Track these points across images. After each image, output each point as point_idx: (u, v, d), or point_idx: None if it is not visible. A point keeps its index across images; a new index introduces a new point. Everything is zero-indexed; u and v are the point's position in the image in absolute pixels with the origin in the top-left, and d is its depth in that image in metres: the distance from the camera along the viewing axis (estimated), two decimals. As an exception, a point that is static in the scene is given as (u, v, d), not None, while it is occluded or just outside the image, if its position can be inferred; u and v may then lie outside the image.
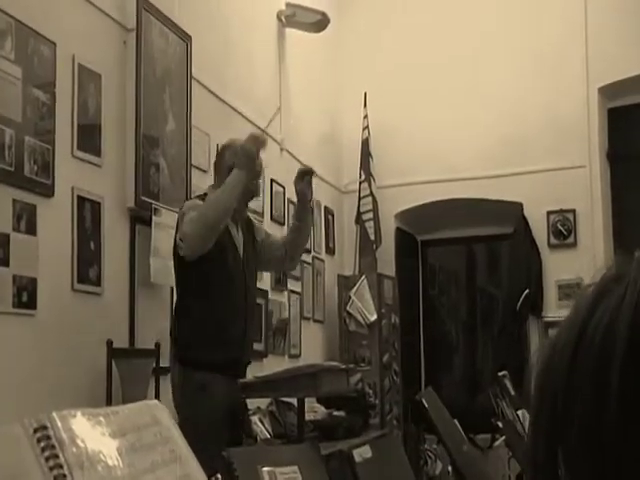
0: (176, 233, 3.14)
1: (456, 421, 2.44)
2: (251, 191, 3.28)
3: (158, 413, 0.79)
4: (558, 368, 0.47)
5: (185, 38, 4.11)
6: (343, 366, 3.23)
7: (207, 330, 3.04)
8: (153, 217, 3.71)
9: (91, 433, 0.67)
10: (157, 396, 3.52)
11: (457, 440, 2.01)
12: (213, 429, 2.94)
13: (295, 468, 1.07)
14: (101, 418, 0.71)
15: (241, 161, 3.08)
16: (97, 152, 3.46)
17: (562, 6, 6.06)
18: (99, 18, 3.54)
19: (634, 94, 6.04)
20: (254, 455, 1.13)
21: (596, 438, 0.44)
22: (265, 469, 1.03)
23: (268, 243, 3.45)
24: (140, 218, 3.70)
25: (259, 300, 4.40)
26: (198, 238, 2.96)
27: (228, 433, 3.04)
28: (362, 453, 1.43)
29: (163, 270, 3.75)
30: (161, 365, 3.62)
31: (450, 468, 1.86)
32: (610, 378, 0.44)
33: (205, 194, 3.26)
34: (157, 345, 3.59)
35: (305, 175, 3.41)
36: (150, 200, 3.73)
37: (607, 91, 6.07)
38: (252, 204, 3.76)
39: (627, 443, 0.43)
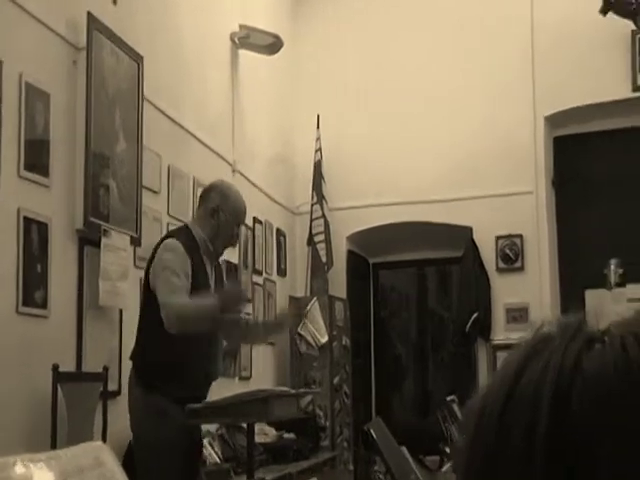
0: (150, 262, 3.09)
1: (404, 448, 2.44)
2: (232, 236, 3.27)
3: (102, 454, 0.77)
4: (487, 428, 0.48)
5: (137, 58, 4.09)
6: (293, 391, 3.22)
7: (172, 367, 3.00)
8: (102, 239, 3.66)
9: None
10: (105, 421, 3.46)
11: (405, 470, 2.01)
12: (171, 453, 2.90)
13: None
14: (42, 464, 0.69)
15: (224, 306, 3.05)
16: (45, 172, 3.40)
17: (511, 39, 6.20)
18: (48, 37, 3.50)
19: (578, 123, 6.20)
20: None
21: None
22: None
23: None
24: (89, 240, 3.65)
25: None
26: (178, 331, 2.93)
27: (186, 458, 3.00)
28: (311, 486, 1.42)
29: (112, 292, 3.70)
30: (109, 389, 3.56)
31: (398, 498, 1.87)
32: (536, 438, 0.45)
33: (186, 226, 3.25)
34: (105, 369, 3.53)
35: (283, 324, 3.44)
36: (99, 221, 3.68)
37: (553, 120, 6.22)
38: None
39: None
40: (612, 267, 5.53)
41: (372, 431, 1.99)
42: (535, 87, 6.13)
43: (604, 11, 3.27)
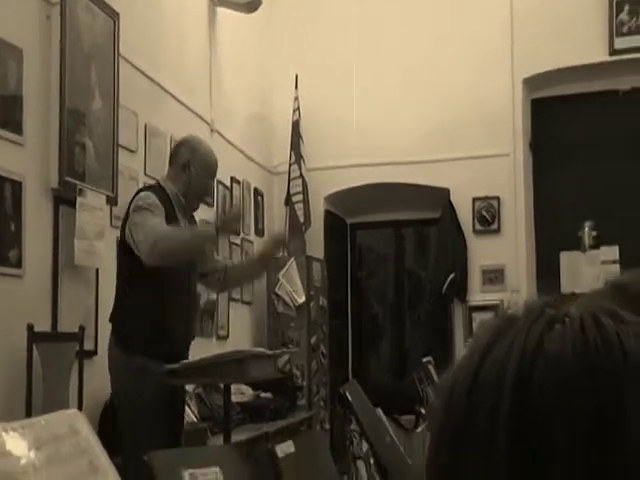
0: (125, 220, 3.08)
1: (379, 410, 2.47)
2: (205, 189, 3.25)
3: (77, 423, 0.77)
4: (456, 406, 0.49)
5: (112, 15, 4.00)
6: (270, 352, 3.24)
7: (151, 327, 3.00)
8: (78, 198, 3.62)
9: (5, 448, 0.65)
10: (81, 381, 3.47)
11: (379, 432, 2.04)
12: (154, 410, 2.92)
13: (217, 469, 1.07)
14: (15, 433, 0.69)
15: (223, 226, 3.05)
16: (18, 130, 3.34)
17: (490, 3, 6.18)
18: (21, -10, 3.41)
19: (556, 86, 6.21)
20: (176, 458, 1.12)
21: None
22: (187, 472, 1.03)
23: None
24: (64, 199, 3.61)
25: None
26: (157, 260, 2.93)
27: (168, 414, 3.02)
28: (285, 449, 1.44)
29: (88, 252, 3.68)
30: (85, 349, 3.56)
31: (372, 460, 1.89)
32: (500, 416, 0.47)
33: (158, 184, 3.23)
34: (81, 328, 3.52)
35: (279, 245, 3.41)
36: (75, 180, 3.63)
37: (531, 82, 6.23)
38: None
39: None
40: (586, 229, 5.59)
41: (347, 393, 2.01)
42: (513, 50, 6.12)
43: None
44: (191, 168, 3.18)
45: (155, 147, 4.57)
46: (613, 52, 5.97)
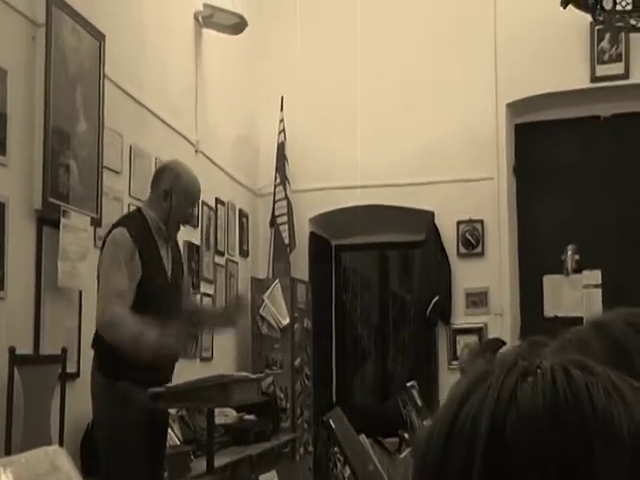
0: (102, 248, 3.06)
1: (363, 437, 2.46)
2: (185, 217, 3.23)
3: (57, 459, 0.76)
4: (433, 456, 0.51)
5: (98, 37, 4.01)
6: (254, 376, 3.23)
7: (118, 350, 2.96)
8: (62, 219, 3.60)
9: (-15, 487, 0.65)
10: (62, 403, 3.43)
11: (363, 460, 2.04)
12: (135, 438, 2.89)
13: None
14: (-4, 470, 0.68)
15: (202, 324, 3.02)
16: (2, 150, 3.33)
17: (474, 29, 6.25)
18: (6, 11, 3.41)
19: (539, 111, 6.28)
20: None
21: None
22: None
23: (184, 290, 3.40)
24: (48, 220, 3.59)
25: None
26: (105, 337, 2.91)
27: (150, 442, 2.99)
28: (268, 478, 1.43)
29: (71, 274, 3.66)
30: (68, 371, 3.53)
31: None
32: (474, 465, 0.48)
33: (138, 210, 3.21)
34: (64, 351, 3.49)
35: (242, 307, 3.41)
36: (59, 202, 3.62)
37: (515, 107, 6.30)
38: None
39: None
40: (569, 253, 5.62)
41: (331, 421, 2.01)
42: (497, 75, 6.20)
43: (564, 4, 3.31)
44: (172, 196, 3.13)
45: (140, 168, 4.56)
46: (594, 79, 6.06)
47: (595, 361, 0.93)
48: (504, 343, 3.91)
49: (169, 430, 4.07)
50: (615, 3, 3.33)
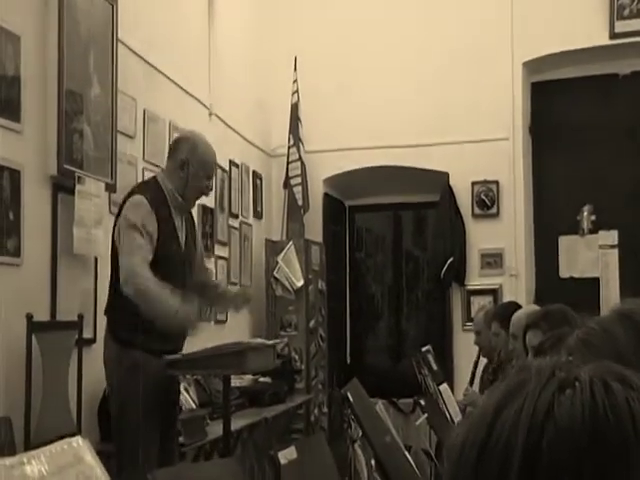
0: (118, 215, 3.08)
1: (380, 405, 2.48)
2: (201, 188, 3.22)
3: (80, 451, 0.77)
4: (466, 465, 0.49)
5: (111, 0, 3.96)
6: (269, 342, 3.25)
7: (146, 322, 2.98)
8: (77, 186, 3.60)
9: (10, 484, 0.66)
10: (80, 369, 3.47)
11: (380, 432, 2.06)
12: (147, 406, 2.93)
13: (220, 485, 1.07)
14: (21, 465, 0.69)
15: (210, 302, 3.03)
16: (16, 118, 3.32)
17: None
18: (18, -24, 3.37)
19: (556, 69, 6.18)
20: (179, 476, 1.12)
21: None
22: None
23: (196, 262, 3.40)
24: (63, 187, 3.59)
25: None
26: (129, 296, 2.92)
27: (162, 411, 3.03)
28: (287, 455, 1.45)
29: (87, 240, 3.67)
30: (84, 337, 3.57)
31: (373, 462, 1.91)
32: (508, 478, 0.48)
33: (154, 179, 3.21)
34: (80, 317, 3.52)
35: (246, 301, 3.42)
36: (73, 168, 3.62)
37: (531, 66, 6.19)
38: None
39: None
40: (585, 214, 5.59)
41: (349, 394, 2.02)
42: (513, 33, 6.08)
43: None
44: (189, 166, 3.15)
45: (154, 132, 4.55)
46: (614, 35, 5.93)
47: (622, 349, 0.93)
48: (519, 306, 3.90)
49: (185, 393, 4.14)
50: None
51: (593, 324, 1.06)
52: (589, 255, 5.75)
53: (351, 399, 2.01)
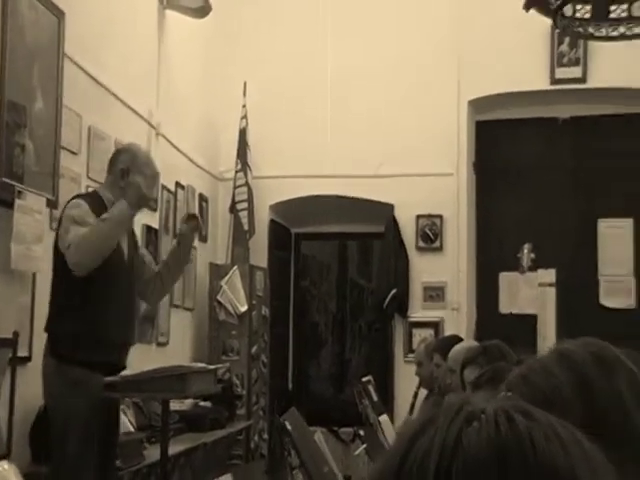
0: (59, 226, 3.02)
1: (319, 435, 2.46)
2: (143, 197, 3.19)
3: (7, 475, 0.73)
4: None
5: (58, 14, 3.90)
6: (211, 367, 3.20)
7: (88, 332, 2.92)
8: (16, 200, 3.51)
9: None
10: (12, 388, 3.36)
11: (317, 462, 2.03)
12: (86, 423, 2.85)
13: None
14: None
15: (133, 199, 3.01)
16: (-45, 129, 3.23)
17: (439, 24, 6.26)
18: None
19: (500, 109, 6.35)
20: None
21: None
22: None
23: (143, 262, 3.36)
24: (2, 201, 3.49)
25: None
26: (85, 263, 2.91)
27: (101, 428, 2.95)
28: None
29: (26, 256, 3.57)
30: (19, 355, 3.46)
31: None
32: None
33: (95, 192, 3.17)
34: (15, 334, 3.41)
35: (191, 219, 3.35)
36: (13, 182, 3.53)
37: (476, 105, 6.34)
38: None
39: None
40: (525, 251, 5.69)
41: (287, 423, 2.00)
42: (460, 72, 6.23)
43: (527, 7, 3.36)
44: (130, 174, 3.13)
45: (99, 150, 4.47)
46: (554, 81, 6.15)
47: (560, 388, 0.98)
48: (461, 339, 3.94)
49: (123, 417, 4.04)
50: (575, 10, 3.38)
51: (532, 362, 1.09)
52: (528, 292, 5.85)
53: (289, 428, 1.98)
